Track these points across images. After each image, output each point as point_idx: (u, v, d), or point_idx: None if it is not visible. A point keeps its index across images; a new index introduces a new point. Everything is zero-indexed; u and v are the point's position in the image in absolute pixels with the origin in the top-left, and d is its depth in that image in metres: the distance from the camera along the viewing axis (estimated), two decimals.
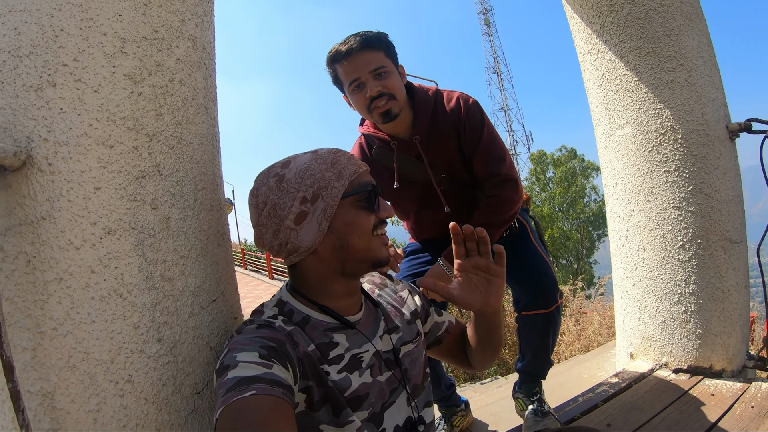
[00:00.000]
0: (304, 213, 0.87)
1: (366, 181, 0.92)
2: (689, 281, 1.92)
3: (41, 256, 0.79)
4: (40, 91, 0.80)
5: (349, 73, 1.42)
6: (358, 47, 1.38)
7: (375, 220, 0.92)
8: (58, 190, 0.80)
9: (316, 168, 0.88)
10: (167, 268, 0.89)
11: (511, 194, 1.50)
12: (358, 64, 1.40)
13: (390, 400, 0.93)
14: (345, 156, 0.92)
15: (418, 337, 1.05)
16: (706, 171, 1.90)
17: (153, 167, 0.88)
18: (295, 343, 0.83)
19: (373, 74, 1.40)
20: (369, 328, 0.96)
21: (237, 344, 0.76)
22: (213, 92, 1.10)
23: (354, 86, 1.44)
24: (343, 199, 0.88)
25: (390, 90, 1.42)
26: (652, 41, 1.92)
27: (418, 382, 1.01)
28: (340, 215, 0.88)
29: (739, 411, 1.61)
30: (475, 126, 1.51)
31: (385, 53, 1.43)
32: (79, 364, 0.80)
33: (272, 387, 0.67)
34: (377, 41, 1.42)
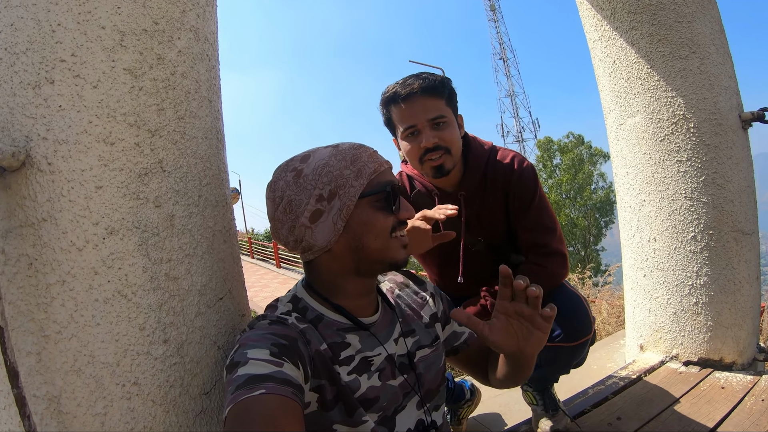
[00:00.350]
0: (320, 211, 0.85)
1: (386, 180, 0.89)
2: (701, 273, 1.89)
3: (43, 259, 0.77)
4: (38, 88, 0.77)
5: (405, 118, 1.34)
6: (419, 92, 1.30)
7: (394, 222, 0.89)
8: (59, 190, 0.78)
9: (335, 165, 0.85)
10: (172, 267, 0.87)
11: (558, 269, 1.40)
12: (417, 110, 1.31)
13: (402, 404, 0.92)
14: (366, 153, 0.88)
15: (436, 342, 1.03)
16: (719, 161, 1.86)
17: (156, 164, 0.86)
18: (308, 341, 0.82)
19: (431, 123, 1.32)
20: (384, 331, 0.94)
21: (248, 340, 0.75)
22: (216, 84, 1.07)
23: (409, 133, 1.35)
24: (360, 198, 0.85)
25: (447, 144, 1.33)
26: (663, 28, 1.86)
27: (432, 386, 0.98)
28: (357, 215, 0.85)
29: (750, 404, 1.60)
30: (526, 190, 1.41)
31: (446, 102, 1.34)
32: (84, 368, 0.78)
33: (282, 386, 0.66)
34: (440, 88, 1.33)
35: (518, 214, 1.43)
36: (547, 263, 1.37)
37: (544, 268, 1.37)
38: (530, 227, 1.41)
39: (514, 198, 1.42)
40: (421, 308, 1.04)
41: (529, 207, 1.41)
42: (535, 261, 1.39)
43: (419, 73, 1.34)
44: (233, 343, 0.98)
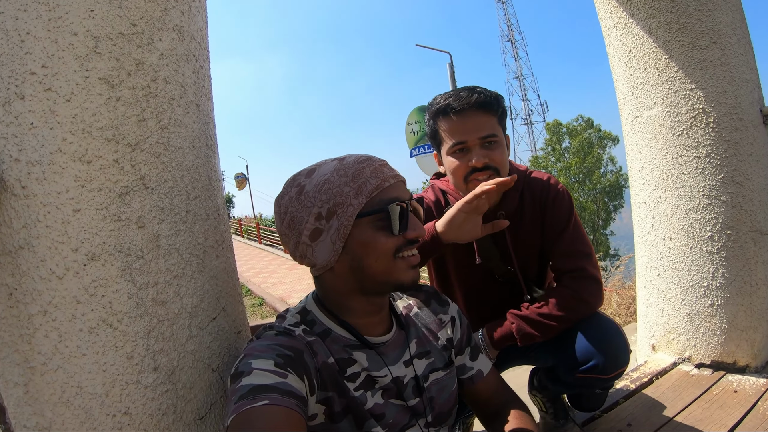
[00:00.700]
0: (319, 230, 0.82)
1: (390, 197, 0.83)
2: (717, 274, 1.83)
3: (23, 288, 0.73)
4: (8, 105, 0.72)
5: (455, 132, 1.25)
6: (474, 106, 1.22)
7: (400, 242, 0.83)
8: (35, 216, 0.73)
9: (336, 181, 0.81)
10: (159, 290, 0.82)
11: (591, 296, 1.28)
12: (469, 126, 1.23)
13: (409, 424, 0.89)
14: (371, 167, 0.83)
15: (450, 365, 1.00)
16: (739, 158, 1.77)
17: (137, 181, 0.80)
18: (314, 353, 0.80)
19: (482, 141, 1.24)
20: (394, 352, 0.91)
21: (253, 350, 0.74)
22: (206, 86, 1.01)
23: (458, 149, 1.26)
24: (359, 218, 0.81)
25: (496, 164, 1.25)
26: (683, 16, 1.75)
27: (444, 410, 0.95)
28: (356, 235, 0.81)
29: (763, 409, 1.56)
30: (562, 212, 1.34)
31: (498, 120, 1.27)
32: (73, 399, 0.75)
33: (286, 398, 0.66)
34: (495, 105, 1.25)
35: (553, 237, 1.35)
36: (581, 289, 1.27)
37: (577, 293, 1.27)
38: (565, 251, 1.33)
39: (550, 220, 1.35)
40: (439, 330, 1.00)
41: (564, 230, 1.33)
42: (569, 285, 1.29)
43: (473, 87, 1.26)
44: (230, 363, 0.95)
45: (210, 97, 1.04)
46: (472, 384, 1.03)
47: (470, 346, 1.05)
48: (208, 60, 1.04)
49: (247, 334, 1.05)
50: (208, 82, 1.03)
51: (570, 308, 1.25)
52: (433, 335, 0.99)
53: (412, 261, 0.86)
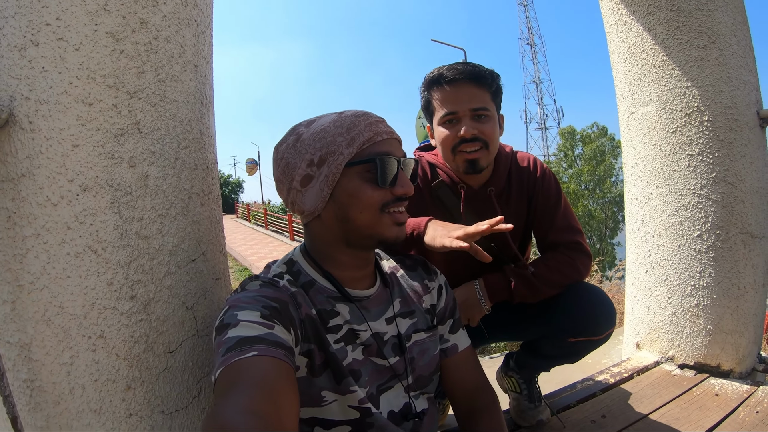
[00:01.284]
0: (310, 176, 0.85)
1: (380, 151, 0.84)
2: (704, 274, 1.82)
3: (21, 212, 0.81)
4: (23, 50, 0.80)
5: (446, 102, 1.27)
6: (467, 78, 1.23)
7: (388, 197, 0.85)
8: (38, 148, 0.81)
9: (331, 131, 0.84)
10: (143, 226, 0.89)
11: (583, 266, 1.35)
12: (460, 96, 1.24)
13: (387, 384, 0.91)
14: (366, 121, 0.85)
15: (434, 329, 1.01)
16: (732, 158, 1.77)
17: (132, 125, 0.88)
18: (298, 305, 0.82)
19: (473, 113, 1.25)
20: (376, 308, 0.93)
21: (238, 302, 0.74)
22: (206, 50, 1.08)
23: (447, 119, 1.27)
24: (348, 167, 0.83)
25: (486, 137, 1.25)
26: (683, 15, 1.77)
27: (424, 373, 0.96)
28: (344, 184, 0.84)
29: (743, 415, 1.54)
30: (550, 191, 1.38)
31: (492, 96, 1.28)
32: (54, 318, 0.82)
33: (274, 348, 0.65)
34: (489, 79, 1.26)
35: (546, 216, 1.38)
36: (576, 258, 1.33)
37: (572, 260, 1.33)
38: (561, 226, 1.37)
39: (541, 199, 1.37)
40: (424, 294, 1.02)
41: (556, 206, 1.37)
42: (565, 253, 1.34)
43: (468, 62, 1.28)
44: (207, 308, 1.00)
45: (210, 60, 1.11)
46: (446, 356, 1.03)
47: (453, 318, 1.06)
48: (210, 27, 1.12)
49: (227, 283, 1.11)
50: (208, 47, 1.10)
51: (564, 273, 1.31)
52: (417, 297, 1.00)
53: (398, 218, 0.87)
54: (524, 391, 1.54)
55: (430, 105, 1.33)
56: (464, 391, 1.03)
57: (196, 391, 0.97)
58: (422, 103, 1.37)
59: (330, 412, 0.84)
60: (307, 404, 0.83)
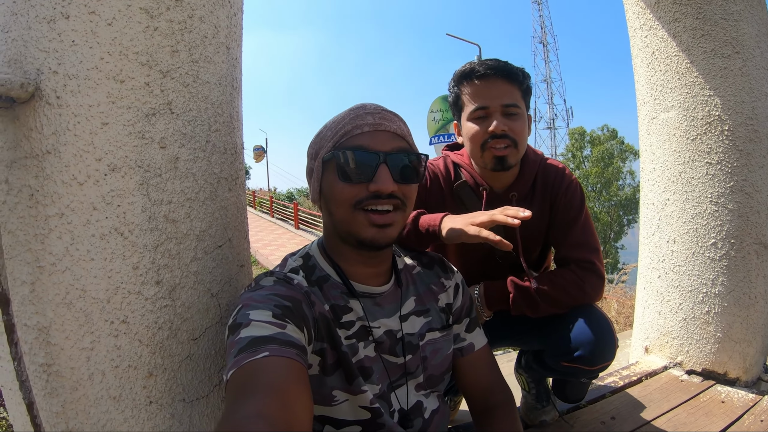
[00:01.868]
0: (311, 169, 0.89)
1: (353, 145, 0.82)
2: (716, 282, 1.83)
3: (44, 191, 0.78)
4: (53, 23, 0.77)
5: (477, 96, 1.24)
6: (499, 73, 1.21)
7: (362, 193, 0.81)
8: (65, 124, 0.78)
9: (328, 125, 0.87)
10: (172, 209, 0.86)
11: (593, 288, 1.27)
12: (492, 91, 1.22)
13: (399, 382, 0.90)
14: (355, 113, 0.84)
15: (448, 328, 1.00)
16: (750, 168, 1.77)
17: (164, 105, 0.85)
18: (312, 303, 0.81)
19: (504, 109, 1.22)
20: (388, 306, 0.91)
21: (251, 300, 0.73)
22: (237, 32, 1.05)
23: (478, 115, 1.25)
24: (326, 162, 0.84)
25: (515, 135, 1.23)
26: (708, 23, 1.76)
27: (437, 372, 0.96)
28: (326, 179, 0.85)
29: (748, 423, 1.55)
30: (574, 202, 1.32)
31: (522, 93, 1.26)
32: (75, 301, 0.79)
33: (286, 348, 0.65)
34: (521, 77, 1.24)
35: (563, 228, 1.33)
36: (586, 279, 1.26)
37: (580, 280, 1.25)
38: (576, 242, 1.31)
39: (562, 209, 1.33)
40: (440, 293, 1.01)
41: (575, 220, 1.32)
42: (575, 272, 1.27)
43: (498, 59, 1.25)
44: (232, 296, 0.98)
45: (240, 43, 1.08)
46: (461, 355, 1.02)
47: (469, 317, 1.05)
48: (241, 9, 1.09)
49: (249, 270, 1.09)
50: (239, 29, 1.07)
51: (569, 294, 1.24)
52: (433, 295, 0.99)
53: (373, 218, 0.82)
54: (532, 391, 1.55)
55: (459, 100, 1.30)
56: (480, 390, 1.02)
57: (218, 380, 0.96)
58: (451, 98, 1.34)
59: (341, 411, 0.84)
60: (318, 402, 0.83)
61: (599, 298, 1.31)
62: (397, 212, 0.84)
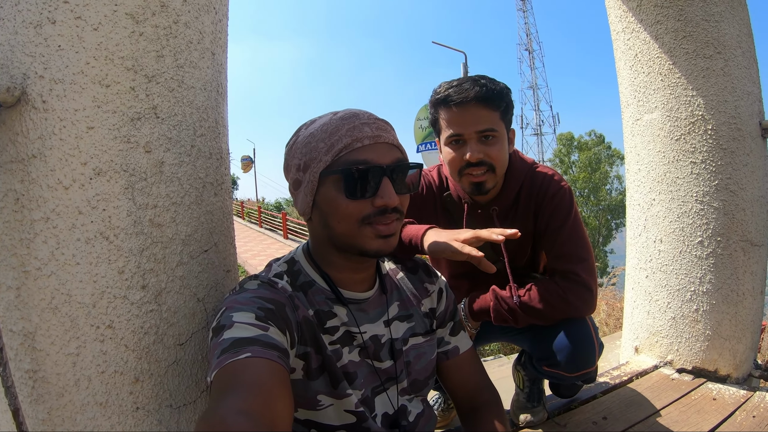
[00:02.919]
0: (299, 181, 0.85)
1: (357, 159, 0.79)
2: (704, 279, 1.85)
3: (30, 195, 0.78)
4: (39, 28, 0.77)
5: (452, 124, 1.23)
6: (474, 100, 1.19)
7: (368, 209, 0.80)
8: (51, 128, 0.78)
9: (317, 135, 0.82)
10: (157, 213, 0.86)
11: (578, 301, 1.23)
12: (467, 119, 1.20)
13: (382, 387, 0.90)
14: (349, 125, 0.81)
15: (432, 333, 1.00)
16: (734, 167, 1.80)
17: (150, 109, 0.85)
18: (295, 307, 0.81)
19: (479, 135, 1.21)
20: (373, 311, 0.92)
21: (234, 303, 0.74)
22: (222, 38, 1.06)
23: (453, 140, 1.24)
24: (325, 176, 0.80)
25: (492, 160, 1.22)
26: (690, 24, 1.80)
27: (420, 377, 0.96)
28: (323, 193, 0.82)
29: (740, 419, 1.56)
30: (559, 210, 1.28)
31: (501, 115, 1.23)
32: (61, 306, 0.79)
33: (268, 350, 0.65)
34: (497, 99, 1.21)
35: (549, 237, 1.30)
36: (568, 290, 1.23)
37: (563, 292, 1.23)
38: (559, 253, 1.28)
39: (545, 218, 1.30)
40: (423, 298, 1.01)
41: (560, 229, 1.28)
42: (559, 283, 1.25)
43: (478, 78, 1.22)
44: (218, 301, 0.97)
45: (225, 49, 1.09)
46: (446, 359, 1.03)
47: (453, 321, 1.05)
48: (226, 16, 1.10)
49: (236, 275, 1.09)
50: (224, 35, 1.08)
51: (552, 306, 1.23)
52: (416, 301, 0.99)
53: (380, 230, 0.81)
54: (525, 389, 1.55)
55: (437, 123, 1.31)
56: (466, 392, 1.03)
57: (205, 386, 0.95)
58: (430, 119, 1.35)
59: (326, 416, 0.84)
60: (304, 406, 0.83)
61: (590, 311, 1.27)
62: (398, 222, 0.85)
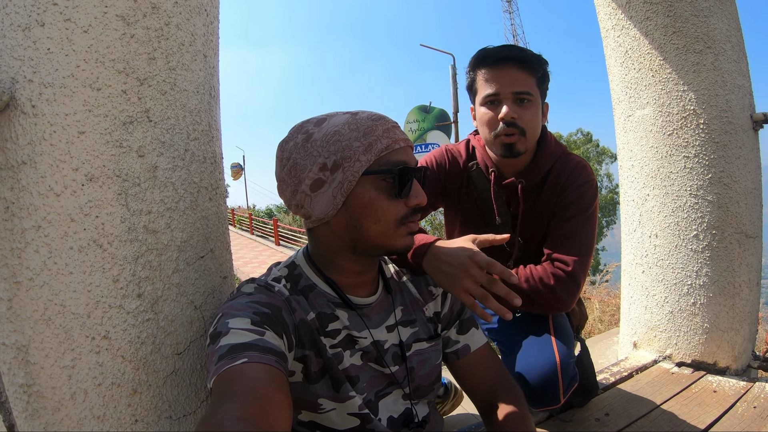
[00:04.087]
0: (321, 181, 0.79)
1: (398, 160, 0.80)
2: (701, 273, 1.86)
3: (20, 203, 0.75)
4: (27, 30, 0.75)
5: (490, 82, 1.23)
6: (512, 60, 1.20)
7: (403, 210, 0.81)
8: (41, 134, 0.75)
9: (346, 134, 0.78)
10: (152, 219, 0.84)
11: (563, 292, 1.18)
12: (505, 78, 1.21)
13: (385, 391, 0.89)
14: (383, 126, 0.80)
15: (436, 338, 0.98)
16: (727, 160, 1.82)
17: (142, 113, 0.83)
18: (292, 309, 0.80)
19: (516, 96, 1.21)
20: (377, 316, 0.90)
21: (230, 309, 0.74)
22: (214, 41, 1.04)
23: (489, 100, 1.24)
24: (364, 175, 0.78)
25: (524, 124, 1.21)
26: (679, 20, 1.81)
27: (424, 383, 0.94)
28: (359, 193, 0.79)
29: (741, 410, 1.57)
30: (580, 202, 1.25)
31: (537, 81, 1.23)
32: (54, 317, 0.76)
33: (265, 355, 0.65)
34: (536, 64, 1.22)
35: (556, 222, 1.28)
36: (557, 280, 1.18)
37: (549, 280, 1.19)
38: (560, 241, 1.25)
39: (564, 203, 1.27)
40: (428, 302, 0.99)
41: (571, 219, 1.25)
42: (547, 268, 1.21)
43: (514, 45, 1.23)
44: (215, 308, 0.96)
45: (217, 52, 1.07)
46: (457, 358, 1.00)
47: (460, 320, 1.03)
48: (217, 18, 1.08)
49: (233, 281, 1.07)
50: (216, 38, 1.07)
51: (536, 290, 1.19)
52: (420, 305, 0.98)
53: (412, 228, 0.84)
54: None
55: (474, 84, 1.30)
56: (484, 390, 1.00)
57: (205, 395, 0.93)
58: (467, 82, 1.35)
59: (329, 420, 0.83)
60: (306, 408, 0.83)
61: (570, 306, 1.22)
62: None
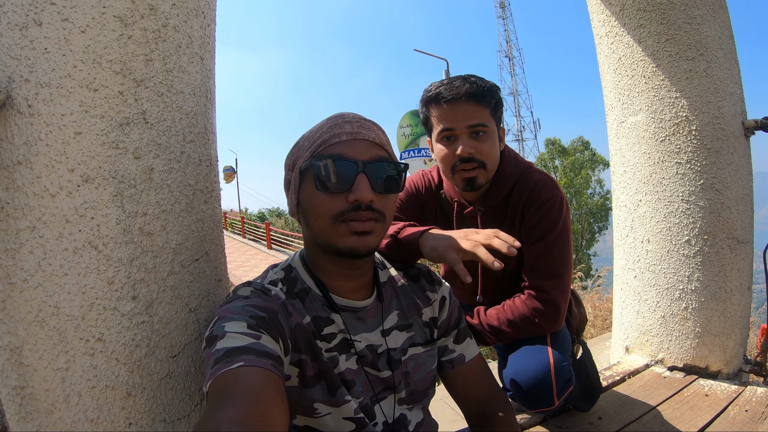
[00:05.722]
0: (288, 181, 0.87)
1: (335, 152, 0.79)
2: (692, 278, 1.88)
3: (15, 203, 0.75)
4: (25, 29, 0.75)
5: (443, 119, 1.24)
6: (464, 96, 1.20)
7: (342, 205, 0.79)
8: (37, 134, 0.75)
9: (306, 134, 0.85)
10: (147, 221, 0.84)
11: (545, 321, 1.23)
12: (458, 113, 1.21)
13: (381, 395, 0.89)
14: (333, 122, 0.82)
15: (432, 343, 0.98)
16: (719, 166, 1.84)
17: (138, 114, 0.83)
18: (289, 314, 0.80)
19: (471, 131, 1.22)
20: (372, 320, 0.90)
21: (226, 312, 0.73)
22: (210, 43, 1.05)
23: (444, 136, 1.25)
24: (304, 172, 0.82)
25: (483, 157, 1.22)
26: (672, 28, 1.84)
27: (419, 388, 0.94)
28: (303, 189, 0.83)
29: (733, 414, 1.58)
30: (544, 221, 1.25)
31: (491, 112, 1.24)
32: (48, 319, 0.76)
33: (261, 358, 0.65)
34: (488, 96, 1.22)
35: (528, 248, 1.27)
36: (537, 312, 1.23)
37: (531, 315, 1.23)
38: (532, 266, 1.27)
39: (531, 226, 1.26)
40: (424, 307, 0.99)
41: (540, 242, 1.25)
42: (527, 303, 1.25)
43: (468, 76, 1.23)
44: (210, 311, 0.95)
45: (213, 55, 1.07)
46: (452, 367, 1.01)
47: (457, 329, 1.03)
48: (214, 21, 1.09)
49: (227, 284, 1.06)
50: (212, 40, 1.07)
51: (519, 327, 1.24)
52: (417, 310, 0.97)
53: (354, 227, 0.79)
54: None
55: (428, 121, 1.32)
56: (475, 400, 1.01)
57: (199, 399, 0.92)
58: (421, 118, 1.36)
59: (324, 424, 0.82)
60: (302, 413, 0.82)
61: (556, 328, 1.28)
62: (376, 223, 0.82)
